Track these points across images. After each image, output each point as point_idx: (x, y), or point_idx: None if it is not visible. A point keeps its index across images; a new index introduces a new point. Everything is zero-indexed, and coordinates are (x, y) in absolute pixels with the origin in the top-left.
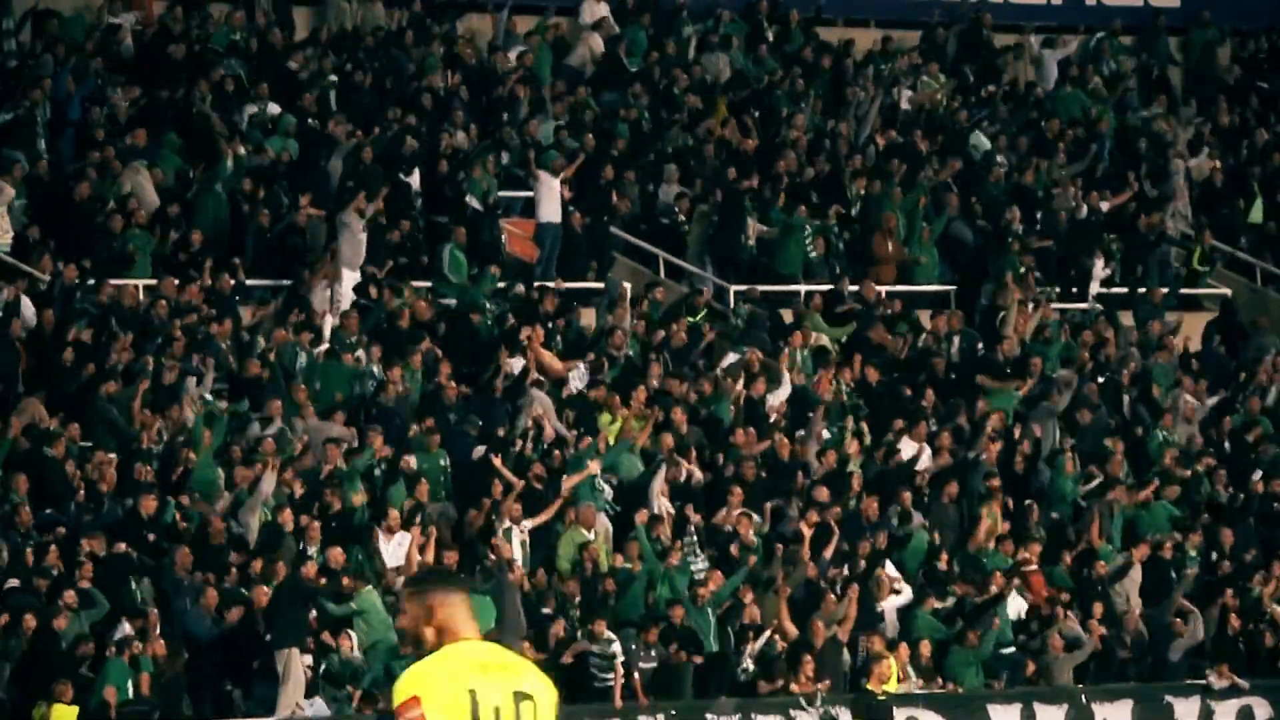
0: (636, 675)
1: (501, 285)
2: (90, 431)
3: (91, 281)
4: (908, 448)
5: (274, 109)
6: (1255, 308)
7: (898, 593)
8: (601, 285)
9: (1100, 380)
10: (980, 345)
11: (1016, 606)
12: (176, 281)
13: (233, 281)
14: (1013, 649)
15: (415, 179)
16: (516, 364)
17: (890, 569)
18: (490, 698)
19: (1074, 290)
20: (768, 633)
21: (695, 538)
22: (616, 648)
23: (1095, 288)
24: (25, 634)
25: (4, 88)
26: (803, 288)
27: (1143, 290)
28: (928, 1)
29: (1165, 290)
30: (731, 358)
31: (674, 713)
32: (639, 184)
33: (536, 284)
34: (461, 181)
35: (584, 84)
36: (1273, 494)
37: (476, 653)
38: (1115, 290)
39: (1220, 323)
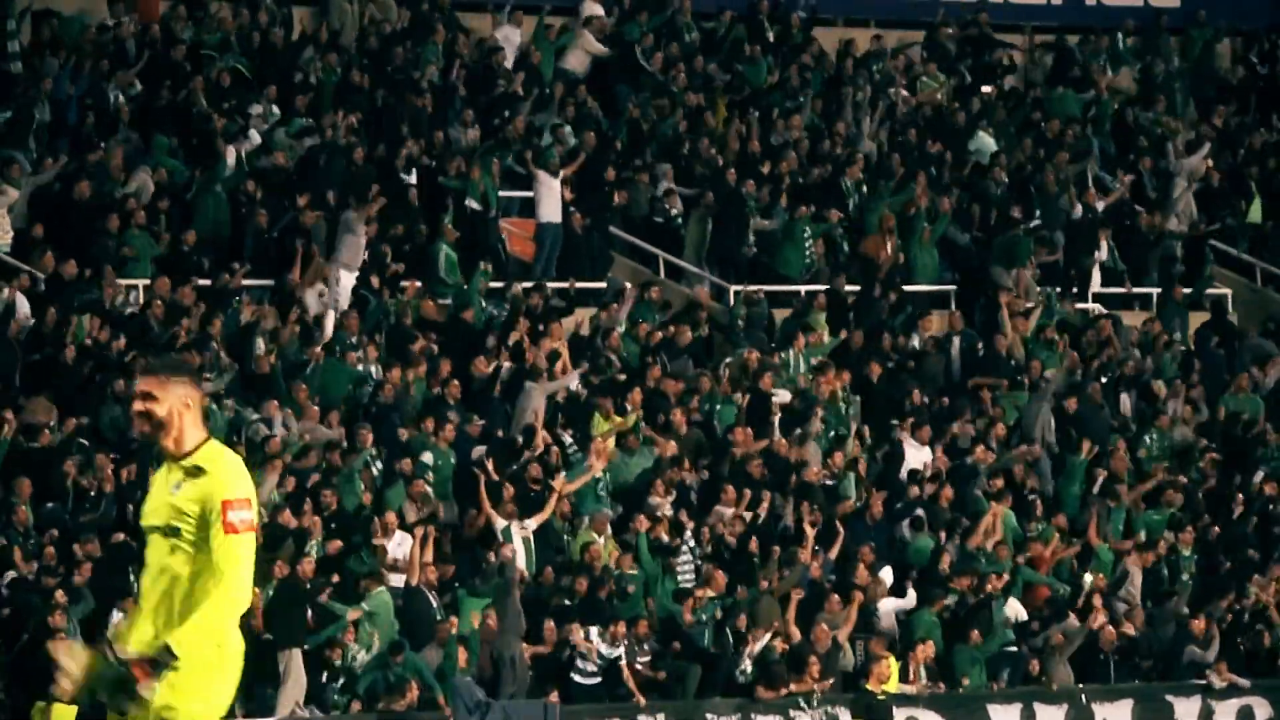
0: (633, 674)
1: (498, 285)
2: (90, 431)
3: (89, 277)
4: (909, 448)
5: (275, 109)
6: (1255, 308)
7: (902, 596)
8: (602, 285)
9: (1102, 380)
10: (980, 345)
11: (1015, 609)
12: (169, 282)
13: (238, 282)
14: (1013, 647)
15: (413, 179)
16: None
17: (886, 573)
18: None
19: (1074, 290)
20: (765, 636)
21: (692, 541)
22: (620, 650)
23: (1096, 279)
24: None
25: (4, 88)
26: (803, 288)
27: (1159, 290)
28: (928, 1)
29: (1188, 290)
30: (730, 358)
31: (674, 713)
32: (640, 183)
33: (535, 283)
34: (461, 179)
35: (583, 83)
36: (1270, 494)
37: None
38: (1117, 290)
39: (1214, 323)
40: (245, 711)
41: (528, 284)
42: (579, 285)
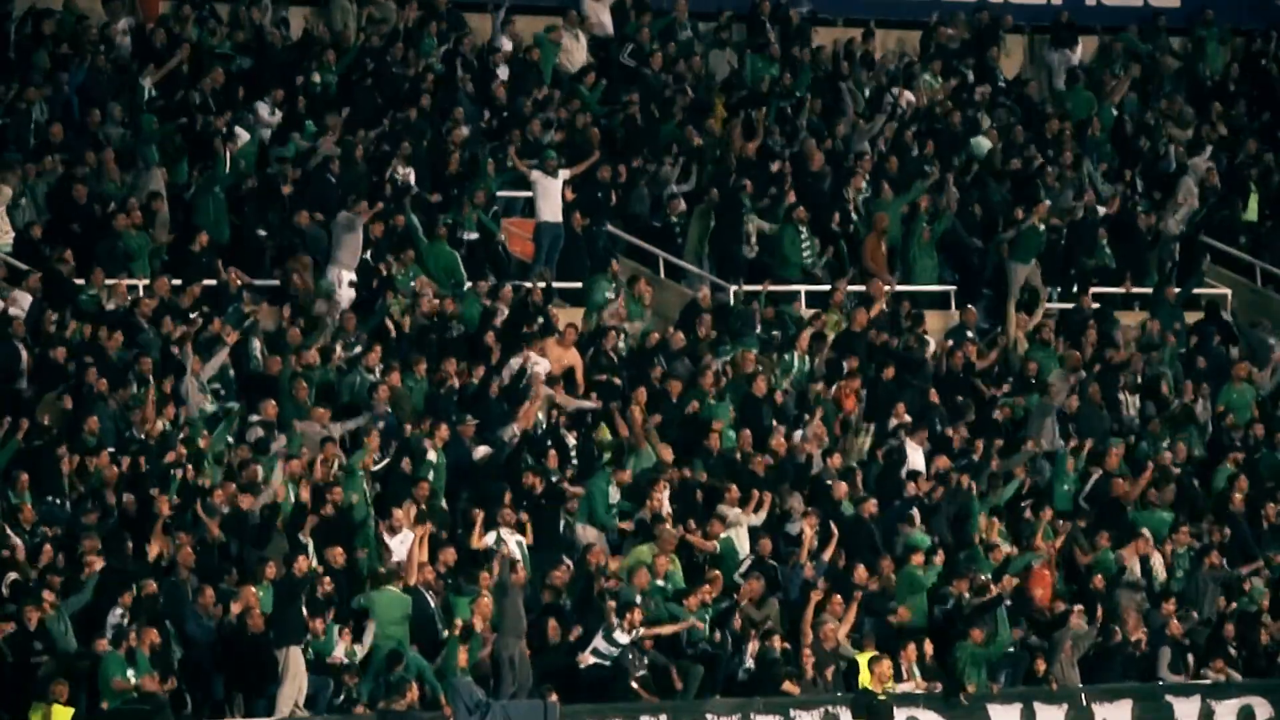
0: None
1: (494, 285)
2: (90, 430)
3: (84, 280)
4: (909, 448)
5: (275, 110)
6: (1255, 308)
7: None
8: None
9: (1101, 381)
10: (979, 346)
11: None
12: (173, 281)
13: (240, 282)
14: (1013, 647)
15: (412, 179)
16: (514, 363)
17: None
18: None
19: (1074, 290)
20: (757, 638)
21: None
22: (631, 637)
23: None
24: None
25: (5, 87)
26: (803, 288)
27: (1149, 290)
28: (928, 1)
29: (1178, 290)
30: (726, 357)
31: (674, 713)
32: (640, 184)
33: (530, 283)
34: (453, 212)
35: (582, 84)
36: (1270, 494)
37: None
38: (1116, 290)
39: (1214, 322)
40: (245, 711)
41: (514, 284)
42: (576, 286)
